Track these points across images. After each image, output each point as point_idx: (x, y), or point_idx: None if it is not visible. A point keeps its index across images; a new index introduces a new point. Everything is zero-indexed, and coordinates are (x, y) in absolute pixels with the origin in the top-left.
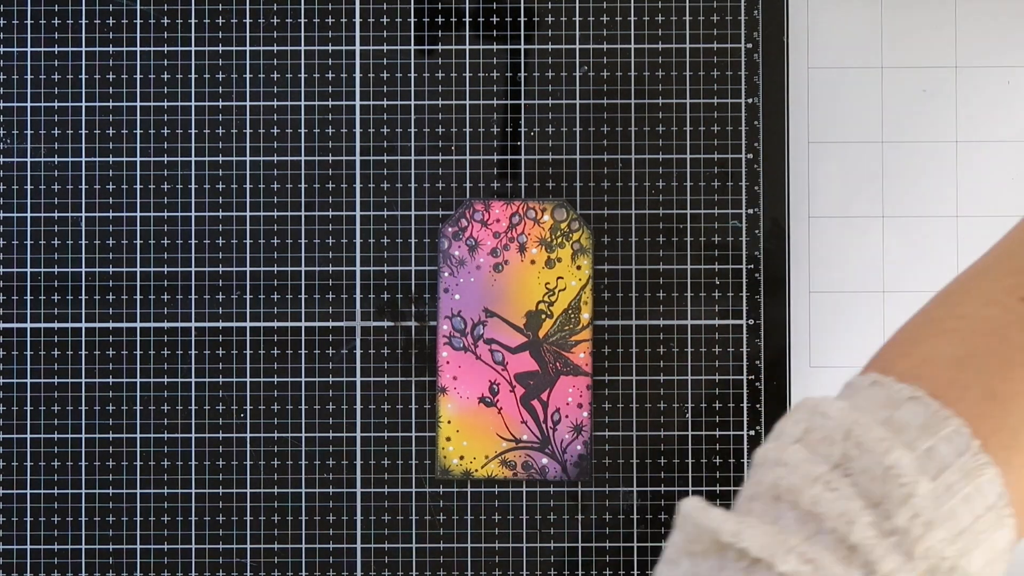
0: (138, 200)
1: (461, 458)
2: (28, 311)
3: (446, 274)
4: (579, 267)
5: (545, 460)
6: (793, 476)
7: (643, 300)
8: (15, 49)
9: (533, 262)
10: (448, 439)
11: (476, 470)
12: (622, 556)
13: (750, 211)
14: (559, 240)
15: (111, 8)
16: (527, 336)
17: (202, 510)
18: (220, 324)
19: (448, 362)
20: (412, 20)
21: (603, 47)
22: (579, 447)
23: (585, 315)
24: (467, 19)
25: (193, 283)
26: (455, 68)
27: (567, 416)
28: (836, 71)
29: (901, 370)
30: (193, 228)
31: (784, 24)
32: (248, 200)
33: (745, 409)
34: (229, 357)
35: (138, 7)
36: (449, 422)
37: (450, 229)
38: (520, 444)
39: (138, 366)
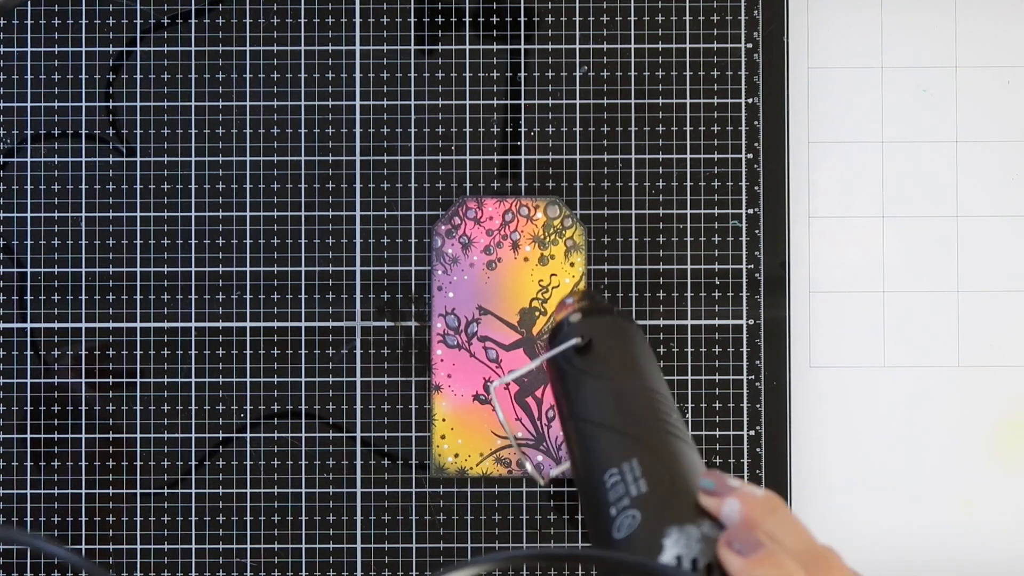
0: (138, 200)
1: (456, 456)
2: (28, 311)
3: (440, 272)
4: (572, 264)
5: (540, 457)
6: None
7: (643, 300)
8: (15, 49)
9: (526, 259)
10: (443, 437)
11: (471, 468)
12: None
13: (750, 211)
14: (552, 237)
15: (111, 8)
16: (521, 333)
17: (202, 510)
18: (220, 324)
19: (442, 360)
20: (412, 20)
21: (603, 47)
22: None
23: None
24: (467, 19)
25: (193, 283)
26: (455, 68)
27: None
28: (836, 71)
29: None
30: (193, 228)
31: (784, 24)
32: (248, 200)
33: (745, 409)
34: (229, 357)
35: (138, 7)
36: (444, 420)
37: (443, 227)
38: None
39: (138, 366)
